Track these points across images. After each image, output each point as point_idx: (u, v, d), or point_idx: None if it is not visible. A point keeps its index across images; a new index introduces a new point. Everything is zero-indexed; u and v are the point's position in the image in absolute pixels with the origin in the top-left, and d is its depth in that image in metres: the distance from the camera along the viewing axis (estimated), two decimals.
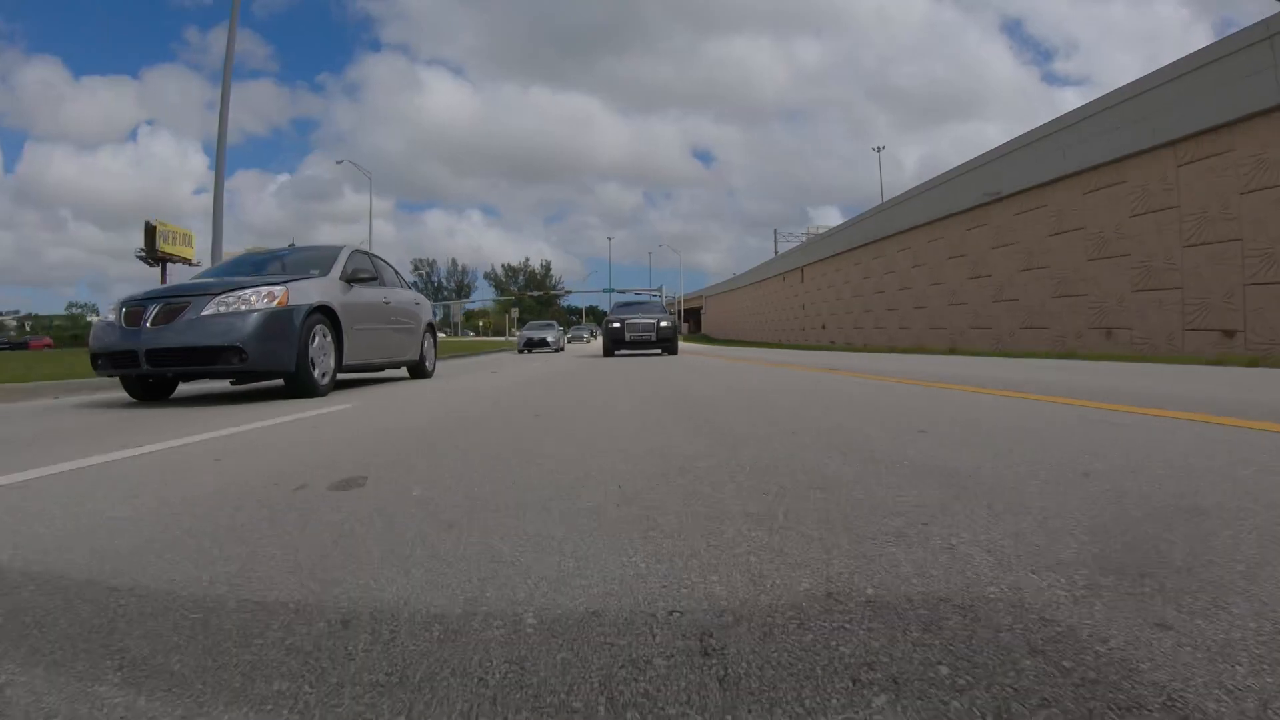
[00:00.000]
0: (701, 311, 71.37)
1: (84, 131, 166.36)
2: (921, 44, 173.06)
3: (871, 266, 25.98)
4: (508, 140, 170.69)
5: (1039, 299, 15.88)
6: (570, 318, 76.78)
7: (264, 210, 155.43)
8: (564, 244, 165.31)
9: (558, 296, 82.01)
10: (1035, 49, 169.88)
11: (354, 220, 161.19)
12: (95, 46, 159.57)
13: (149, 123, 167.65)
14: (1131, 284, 13.03)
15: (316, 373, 5.42)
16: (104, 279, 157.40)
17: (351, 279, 6.39)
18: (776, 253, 52.13)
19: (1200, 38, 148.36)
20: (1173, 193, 12.12)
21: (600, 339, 16.16)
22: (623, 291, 61.14)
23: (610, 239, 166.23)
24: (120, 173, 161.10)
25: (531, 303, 75.04)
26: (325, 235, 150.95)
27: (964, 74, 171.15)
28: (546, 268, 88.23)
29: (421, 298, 8.71)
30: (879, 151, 74.17)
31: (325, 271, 6.18)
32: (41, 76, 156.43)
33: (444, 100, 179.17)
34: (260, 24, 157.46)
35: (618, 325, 15.58)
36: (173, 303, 5.14)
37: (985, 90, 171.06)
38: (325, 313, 5.67)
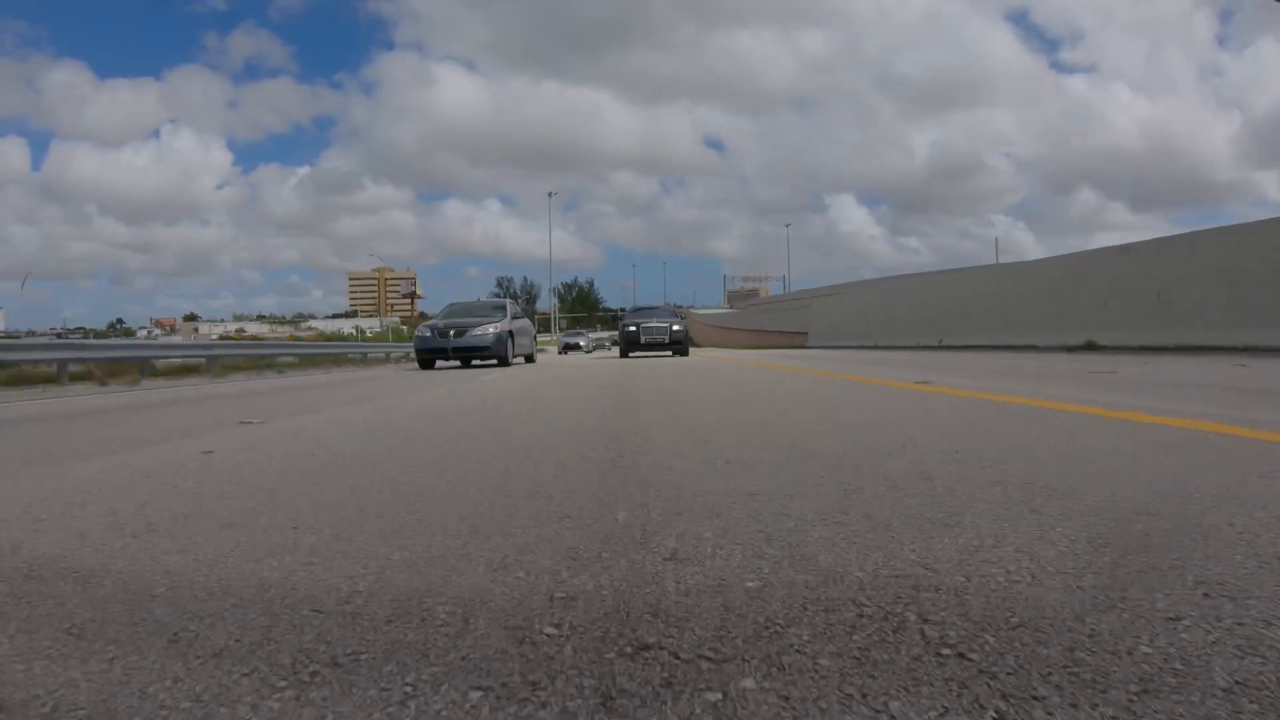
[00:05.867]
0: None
1: (108, 131, 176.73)
2: (926, 32, 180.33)
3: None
4: (521, 131, 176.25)
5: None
6: (606, 316, 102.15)
7: (285, 202, 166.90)
8: (581, 231, 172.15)
9: (598, 305, 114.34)
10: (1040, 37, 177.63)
11: (372, 211, 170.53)
12: (119, 50, 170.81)
13: (171, 121, 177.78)
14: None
15: (510, 356, 13.84)
16: (126, 273, 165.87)
17: (513, 317, 14.81)
18: (725, 291, 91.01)
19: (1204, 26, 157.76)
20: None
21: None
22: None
23: (634, 266, 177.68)
24: (144, 169, 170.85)
25: (583, 310, 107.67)
26: (345, 227, 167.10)
27: (968, 61, 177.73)
28: (591, 284, 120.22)
29: (529, 322, 17.24)
30: (788, 228, 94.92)
31: (504, 314, 14.56)
32: (68, 79, 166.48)
33: (458, 94, 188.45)
34: (278, 25, 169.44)
35: (633, 329, 17.12)
36: (458, 328, 13.53)
37: (990, 77, 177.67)
38: (510, 333, 14.05)
